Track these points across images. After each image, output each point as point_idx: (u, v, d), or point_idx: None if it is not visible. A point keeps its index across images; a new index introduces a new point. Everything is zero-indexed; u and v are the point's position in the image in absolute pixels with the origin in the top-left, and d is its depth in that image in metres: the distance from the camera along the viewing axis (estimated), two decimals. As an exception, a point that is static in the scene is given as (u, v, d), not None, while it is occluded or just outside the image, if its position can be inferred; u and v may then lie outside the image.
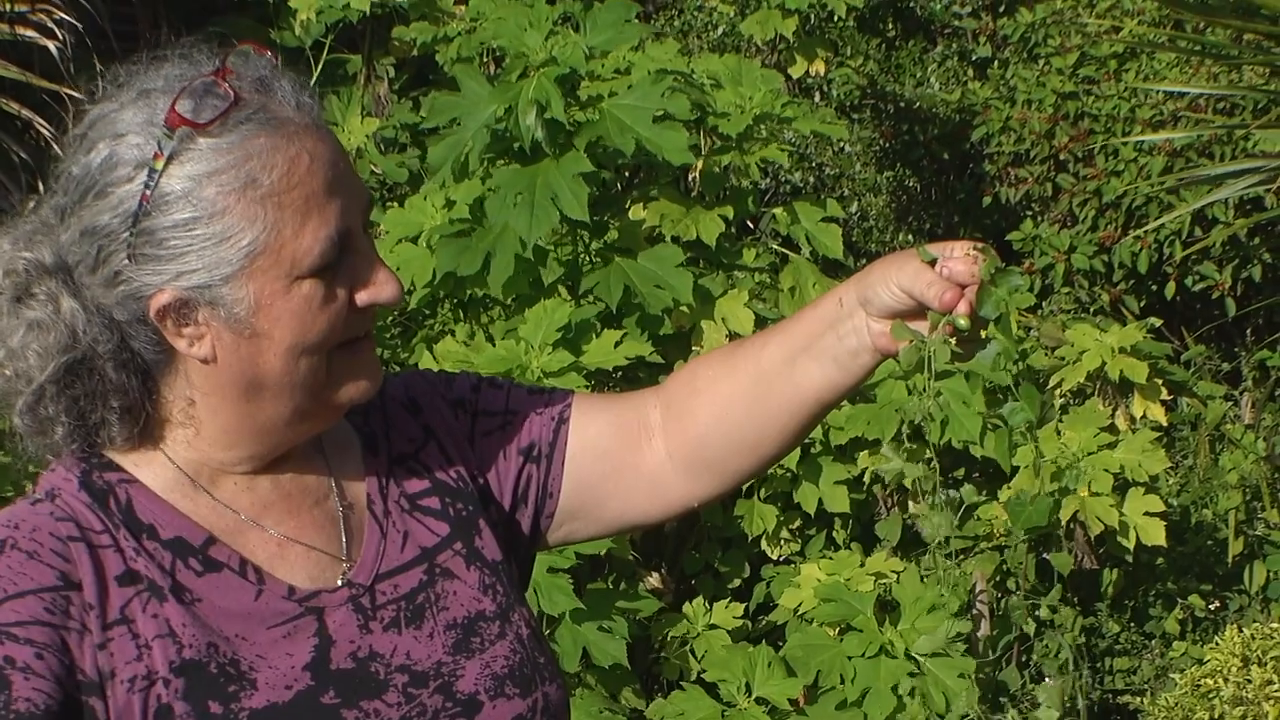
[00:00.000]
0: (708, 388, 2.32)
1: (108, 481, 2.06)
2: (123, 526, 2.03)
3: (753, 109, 5.94)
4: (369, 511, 2.20)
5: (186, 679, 1.98)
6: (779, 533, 5.82)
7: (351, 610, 2.11)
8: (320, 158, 2.01)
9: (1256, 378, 7.67)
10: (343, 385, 2.08)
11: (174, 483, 2.08)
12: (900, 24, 9.29)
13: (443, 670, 2.12)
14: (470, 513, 2.26)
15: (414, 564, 2.18)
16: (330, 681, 2.05)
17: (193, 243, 1.96)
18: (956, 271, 2.11)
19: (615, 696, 5.19)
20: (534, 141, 5.35)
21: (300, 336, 2.01)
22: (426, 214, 5.81)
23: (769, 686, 5.09)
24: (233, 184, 1.95)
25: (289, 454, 2.15)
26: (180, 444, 2.09)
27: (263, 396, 2.05)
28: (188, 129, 1.94)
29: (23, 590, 1.94)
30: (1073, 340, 6.07)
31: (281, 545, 2.12)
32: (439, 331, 5.87)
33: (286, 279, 1.98)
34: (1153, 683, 6.25)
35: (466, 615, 2.18)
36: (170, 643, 1.99)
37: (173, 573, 2.03)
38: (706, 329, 5.65)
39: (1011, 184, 8.11)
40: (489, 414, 2.34)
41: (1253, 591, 6.34)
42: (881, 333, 2.17)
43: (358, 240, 2.05)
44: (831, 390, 2.26)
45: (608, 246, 5.55)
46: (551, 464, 2.33)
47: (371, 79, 7.67)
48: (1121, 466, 5.60)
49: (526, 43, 5.56)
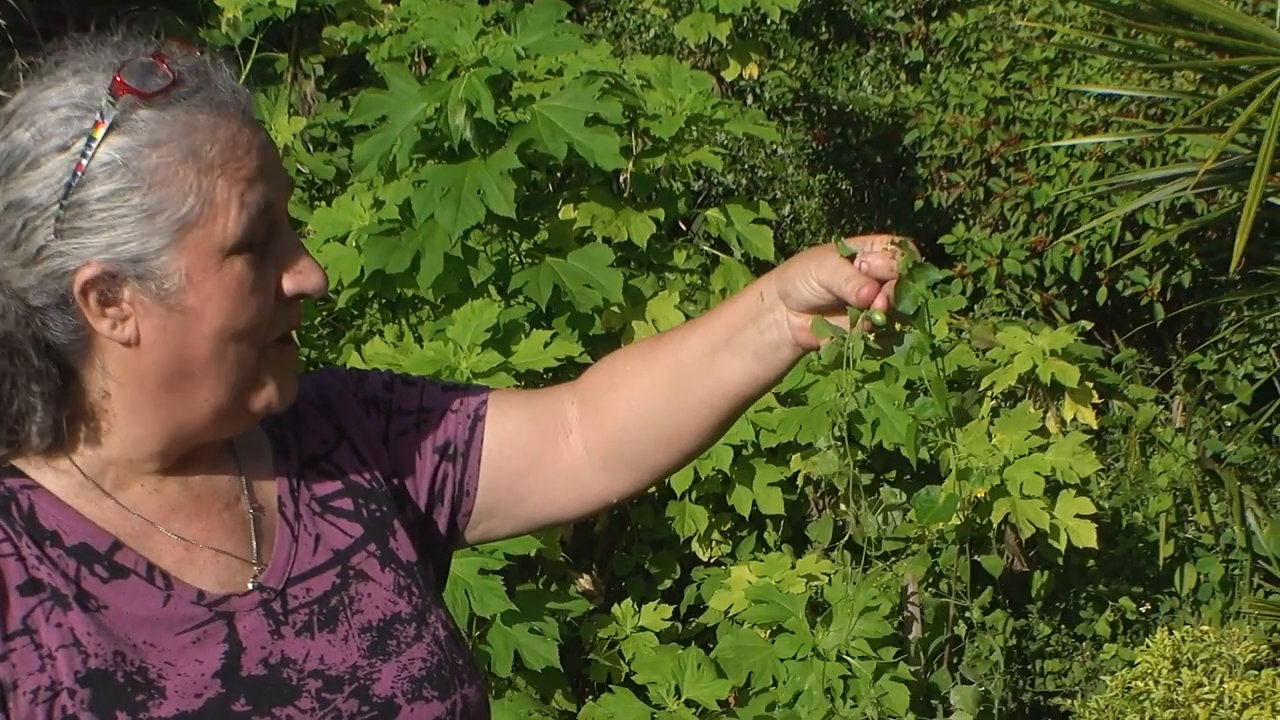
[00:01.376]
0: (626, 382, 2.31)
1: (9, 488, 2.02)
2: (24, 534, 1.99)
3: (684, 111, 5.95)
4: (280, 515, 2.17)
5: (93, 689, 1.95)
6: (710, 534, 5.82)
7: (262, 615, 2.08)
8: (255, 142, 2.00)
9: (1187, 381, 7.71)
10: (264, 387, 2.05)
11: (78, 487, 2.05)
12: (833, 27, 9.32)
13: (358, 674, 2.09)
14: (384, 514, 2.24)
15: (326, 567, 2.16)
16: (241, 689, 2.02)
17: (128, 213, 1.94)
18: (875, 266, 2.11)
19: (546, 699, 5.17)
20: (463, 141, 5.34)
21: (230, 319, 1.99)
22: (354, 213, 5.80)
23: (699, 688, 5.09)
24: (175, 155, 1.94)
25: (199, 456, 2.12)
26: (88, 443, 2.05)
27: (185, 387, 2.02)
28: (132, 98, 1.93)
29: None
30: (1004, 343, 6.09)
31: (190, 549, 2.09)
32: (367, 332, 5.85)
33: (218, 254, 1.96)
34: (1084, 685, 6.27)
35: (382, 618, 2.16)
36: (75, 652, 1.95)
37: (77, 580, 1.99)
38: (637, 329, 5.65)
39: (943, 188, 8.13)
40: (403, 412, 2.32)
41: (1183, 594, 6.37)
42: (801, 327, 2.17)
43: (283, 225, 2.04)
44: (752, 384, 2.25)
45: (538, 246, 5.55)
46: (468, 462, 2.32)
47: (299, 77, 7.64)
48: (1053, 469, 5.62)
49: (457, 42, 5.55)
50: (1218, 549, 6.44)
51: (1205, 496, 6.47)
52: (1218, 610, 6.28)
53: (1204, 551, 6.45)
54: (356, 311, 5.94)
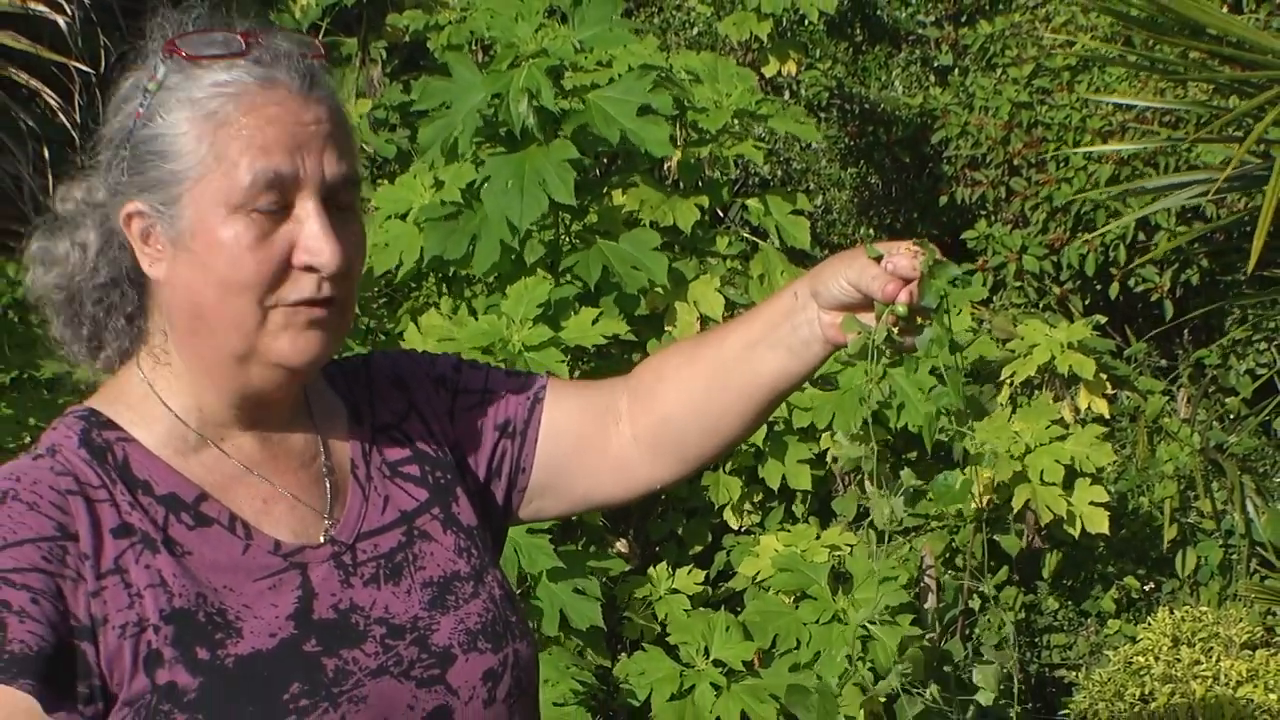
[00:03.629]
0: (673, 374, 2.36)
1: (106, 439, 2.08)
2: (119, 482, 2.05)
3: (730, 105, 5.96)
4: (353, 476, 2.23)
5: (175, 626, 2.00)
6: (742, 504, 5.83)
7: (333, 566, 2.14)
8: (296, 118, 2.04)
9: (1193, 375, 7.71)
10: (276, 339, 2.07)
11: (168, 438, 2.11)
12: (867, 30, 9.31)
13: (419, 624, 2.14)
14: (448, 481, 2.30)
15: (393, 526, 2.21)
16: (312, 630, 2.07)
17: (158, 159, 2.03)
18: (899, 266, 2.16)
19: (583, 654, 5.20)
20: (524, 128, 5.35)
21: (230, 272, 2.03)
22: (416, 192, 5.81)
23: (726, 649, 5.11)
24: (200, 111, 2.02)
25: (275, 416, 2.18)
26: (168, 388, 2.13)
27: (202, 330, 2.07)
28: (180, 60, 2.03)
29: (21, 539, 1.96)
30: (1024, 335, 6.10)
31: (268, 502, 2.14)
32: (424, 304, 5.87)
33: (224, 208, 2.01)
34: (1087, 659, 6.29)
35: (442, 575, 2.20)
36: (161, 591, 2.00)
37: (165, 527, 2.05)
38: (680, 310, 5.66)
39: (967, 185, 8.13)
40: (469, 392, 2.38)
41: (1184, 576, 6.38)
42: (831, 324, 2.23)
43: (308, 201, 2.05)
44: (786, 378, 2.30)
45: (588, 229, 5.56)
46: (525, 440, 2.37)
47: (366, 61, 7.66)
48: (1071, 458, 5.63)
49: (518, 33, 5.56)
50: (1218, 534, 6.45)
51: (1208, 484, 6.47)
52: (1216, 592, 6.29)
53: (1205, 536, 6.45)
54: (414, 284, 5.96)
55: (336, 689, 2.03)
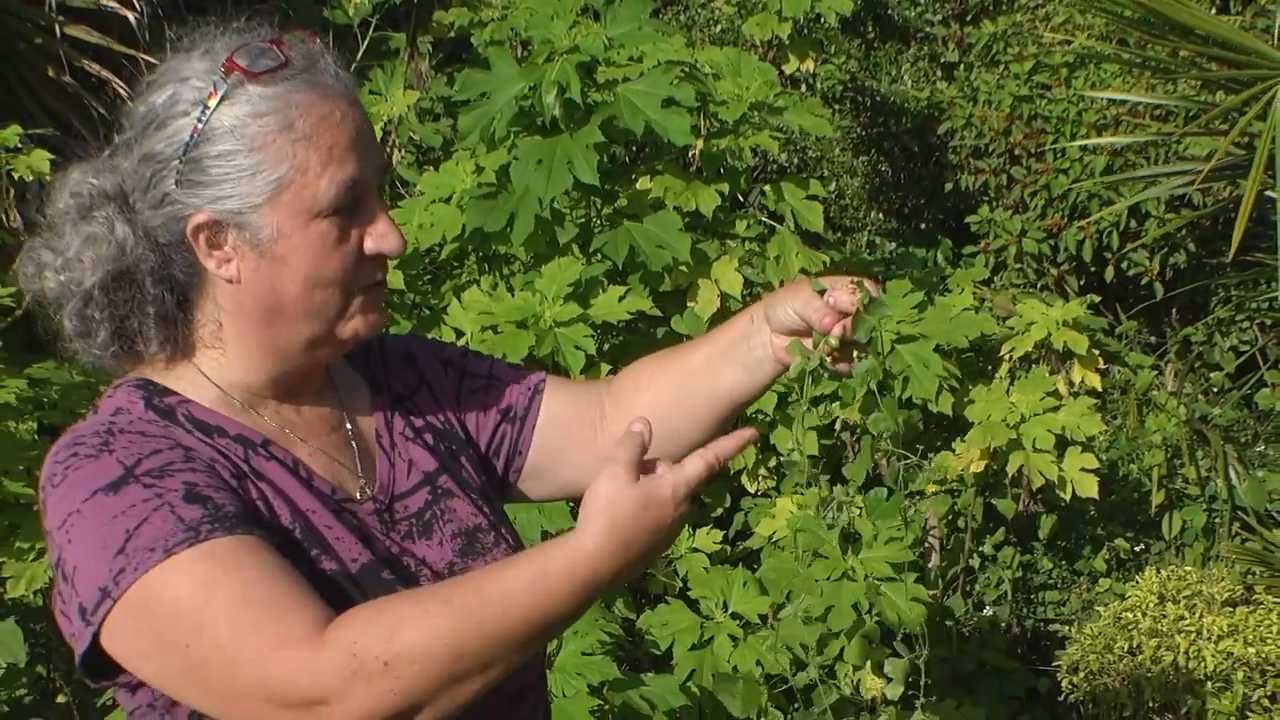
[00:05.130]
0: (646, 384, 2.47)
1: (168, 404, 2.10)
2: (195, 430, 2.08)
3: (748, 98, 5.94)
4: (378, 443, 2.28)
5: (281, 539, 2.03)
6: (757, 470, 5.84)
7: (377, 519, 2.18)
8: (348, 119, 2.07)
9: (1179, 351, 7.69)
10: (351, 320, 2.12)
11: (219, 400, 2.13)
12: (879, 28, 9.28)
13: (454, 569, 2.19)
14: (456, 449, 2.36)
15: (420, 486, 2.26)
16: (384, 563, 2.11)
17: (231, 171, 2.03)
18: (839, 300, 2.26)
19: (609, 607, 5.20)
20: (553, 117, 5.36)
21: (315, 269, 2.07)
22: (458, 178, 5.81)
23: (743, 603, 5.12)
24: (273, 125, 2.02)
25: (306, 387, 2.21)
26: (213, 367, 2.14)
27: (279, 321, 2.10)
28: (240, 75, 2.02)
29: (158, 449, 1.99)
30: (1022, 313, 6.08)
31: (313, 455, 2.18)
32: (465, 281, 5.88)
33: (306, 215, 2.05)
34: (1080, 614, 6.28)
35: (467, 527, 2.26)
36: (263, 506, 2.05)
37: (246, 460, 2.08)
38: (702, 287, 5.66)
39: (971, 173, 8.11)
40: (474, 376, 2.45)
41: (1170, 538, 6.36)
42: (780, 346, 2.33)
43: (370, 195, 2.10)
44: (742, 391, 2.40)
45: (617, 212, 5.55)
46: (524, 426, 2.45)
47: (414, 56, 7.66)
48: (1063, 428, 5.62)
49: (553, 30, 5.56)
50: (1202, 500, 6.43)
51: (1193, 453, 6.45)
52: (1199, 553, 6.27)
53: (1189, 501, 6.43)
54: (457, 263, 5.96)
55: None
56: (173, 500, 1.91)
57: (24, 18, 6.78)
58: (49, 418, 4.62)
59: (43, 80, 6.77)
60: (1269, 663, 5.36)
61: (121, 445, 1.98)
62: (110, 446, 1.98)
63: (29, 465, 4.30)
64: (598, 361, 5.30)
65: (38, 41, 6.77)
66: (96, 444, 1.98)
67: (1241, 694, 5.38)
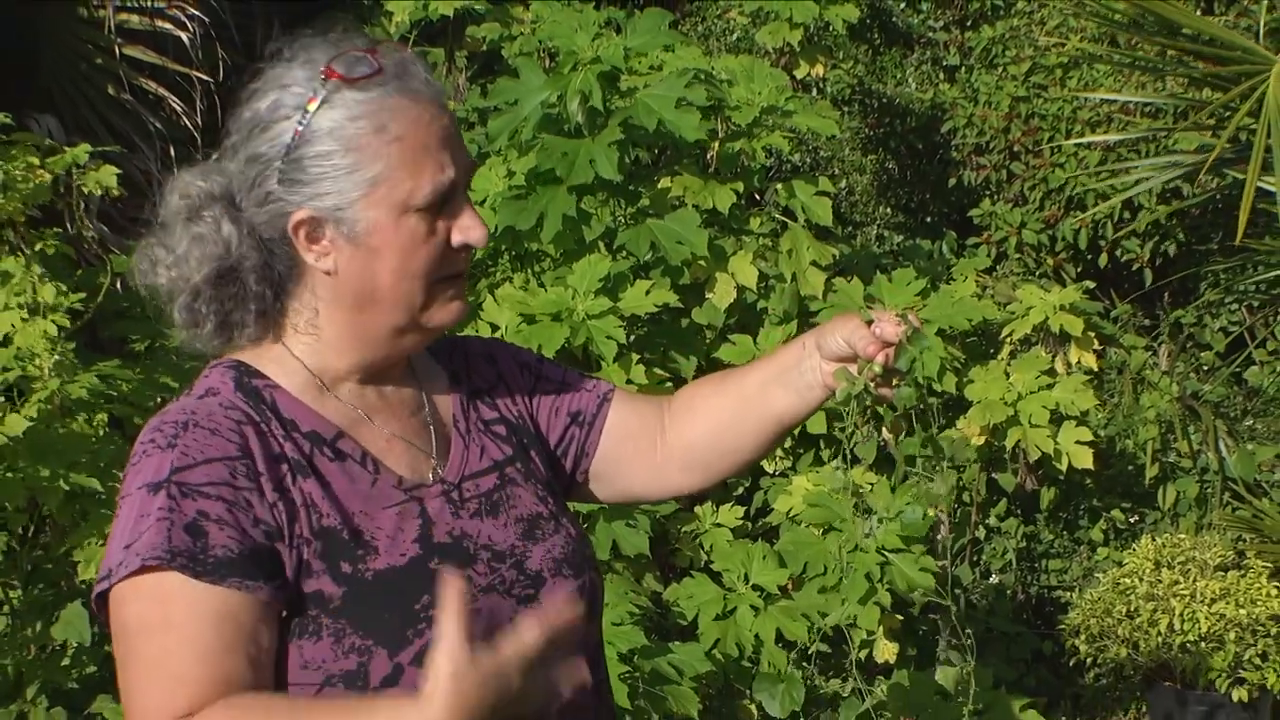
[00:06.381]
0: (703, 404, 2.47)
1: (256, 386, 2.13)
2: (273, 418, 2.11)
3: (760, 102, 5.96)
4: (454, 427, 2.29)
5: (323, 542, 2.05)
6: (775, 451, 5.85)
7: (444, 501, 2.19)
8: (437, 121, 2.10)
9: (1171, 332, 7.68)
10: (436, 310, 2.15)
11: (306, 385, 2.16)
12: (884, 34, 9.26)
13: (515, 551, 2.20)
14: (526, 443, 2.36)
15: (489, 471, 2.27)
16: (435, 552, 2.12)
17: (330, 170, 2.06)
18: (885, 331, 2.27)
19: (639, 580, 5.22)
20: (577, 124, 5.39)
21: (405, 261, 2.10)
22: (491, 181, 5.84)
23: (764, 575, 5.14)
24: (368, 128, 2.05)
25: (390, 373, 2.23)
26: (306, 351, 2.17)
27: (371, 309, 2.13)
28: (338, 82, 2.05)
29: (210, 457, 2.02)
30: (1022, 298, 6.09)
31: (390, 441, 2.20)
32: (499, 279, 5.90)
33: (398, 210, 2.08)
34: (1081, 581, 6.28)
35: (530, 514, 2.26)
36: (312, 511, 2.06)
37: (310, 458, 2.10)
38: (719, 280, 5.68)
39: (973, 169, 8.10)
40: (548, 380, 2.46)
41: (1164, 508, 6.37)
42: (829, 372, 2.33)
43: (458, 191, 2.13)
44: (792, 414, 2.40)
45: (640, 211, 5.57)
46: (592, 431, 2.45)
47: (451, 70, 7.67)
48: (1057, 404, 5.64)
49: (577, 43, 5.58)
50: (1194, 472, 6.43)
51: (1185, 428, 6.45)
52: (1193, 522, 6.28)
53: (1183, 473, 6.43)
54: (491, 262, 5.98)
55: None
56: (176, 520, 1.97)
57: (86, 40, 6.82)
58: (118, 411, 4.66)
59: (104, 98, 6.80)
60: (1259, 623, 5.37)
61: (186, 443, 2.02)
62: (176, 442, 2.02)
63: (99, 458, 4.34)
64: (628, 351, 5.32)
65: (98, 62, 6.81)
66: (170, 435, 2.03)
67: (1233, 653, 5.38)
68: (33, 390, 4.35)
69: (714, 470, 2.49)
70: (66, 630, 4.26)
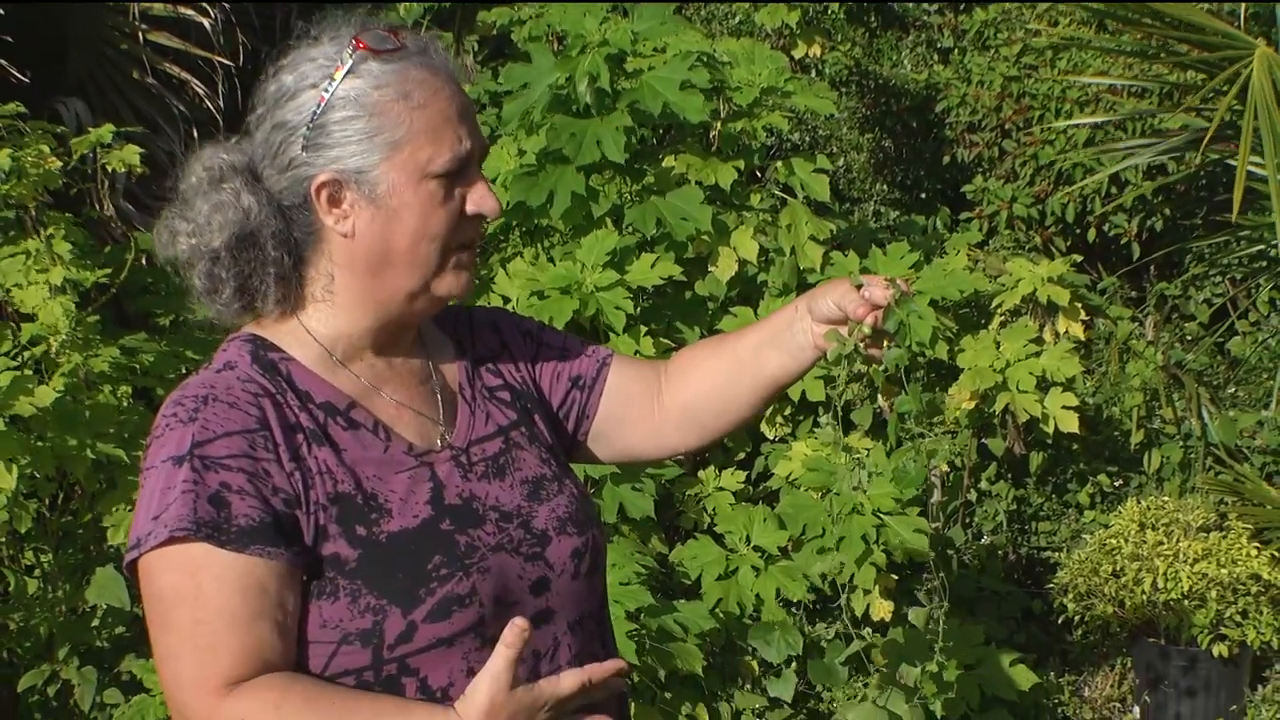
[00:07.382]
0: (699, 365, 2.49)
1: (272, 359, 2.15)
2: (289, 390, 2.13)
3: (760, 83, 5.95)
4: (460, 395, 2.31)
5: (339, 507, 2.08)
6: (775, 417, 5.86)
7: (453, 465, 2.21)
8: (457, 96, 2.14)
9: (1157, 304, 7.68)
10: (447, 276, 2.17)
11: (320, 358, 2.18)
12: (880, 17, 9.24)
13: (521, 512, 2.22)
14: (529, 408, 2.38)
15: (495, 435, 2.29)
16: (445, 513, 2.15)
17: (352, 134, 2.09)
18: (873, 295, 2.31)
19: (645, 542, 5.24)
20: (585, 104, 5.39)
21: (423, 224, 2.12)
22: (503, 160, 5.84)
23: (764, 537, 5.15)
24: (392, 95, 2.09)
25: (399, 342, 2.25)
26: (322, 320, 2.18)
27: (387, 272, 2.14)
28: (365, 53, 2.09)
29: (230, 430, 2.04)
30: (1011, 270, 6.09)
31: (399, 409, 2.21)
32: (510, 254, 5.90)
33: (418, 174, 2.10)
34: (1069, 542, 6.29)
35: (535, 475, 2.28)
36: (327, 478, 2.08)
37: (324, 427, 2.12)
38: (722, 254, 5.68)
39: (966, 147, 8.09)
40: (549, 346, 2.48)
41: (1149, 473, 6.37)
42: (819, 334, 2.35)
43: (474, 163, 2.16)
44: (784, 374, 2.43)
45: (645, 188, 5.57)
46: (592, 394, 2.47)
47: (460, 53, 7.66)
48: (1044, 370, 5.64)
49: (585, 26, 5.58)
50: (1178, 437, 6.43)
51: (1170, 395, 6.45)
52: (1176, 485, 6.28)
53: (1167, 439, 6.43)
54: (503, 237, 5.98)
55: (468, 560, 2.11)
56: (200, 492, 1.99)
57: (111, 25, 6.82)
58: (142, 383, 4.68)
59: (129, 82, 6.80)
60: (1240, 582, 5.38)
61: (206, 417, 2.04)
62: (196, 416, 2.04)
63: (123, 429, 4.36)
64: (636, 322, 5.32)
65: (123, 47, 6.81)
66: (191, 409, 2.05)
67: (1215, 611, 5.40)
68: (55, 364, 4.37)
69: (710, 429, 2.50)
70: (101, 594, 4.28)
